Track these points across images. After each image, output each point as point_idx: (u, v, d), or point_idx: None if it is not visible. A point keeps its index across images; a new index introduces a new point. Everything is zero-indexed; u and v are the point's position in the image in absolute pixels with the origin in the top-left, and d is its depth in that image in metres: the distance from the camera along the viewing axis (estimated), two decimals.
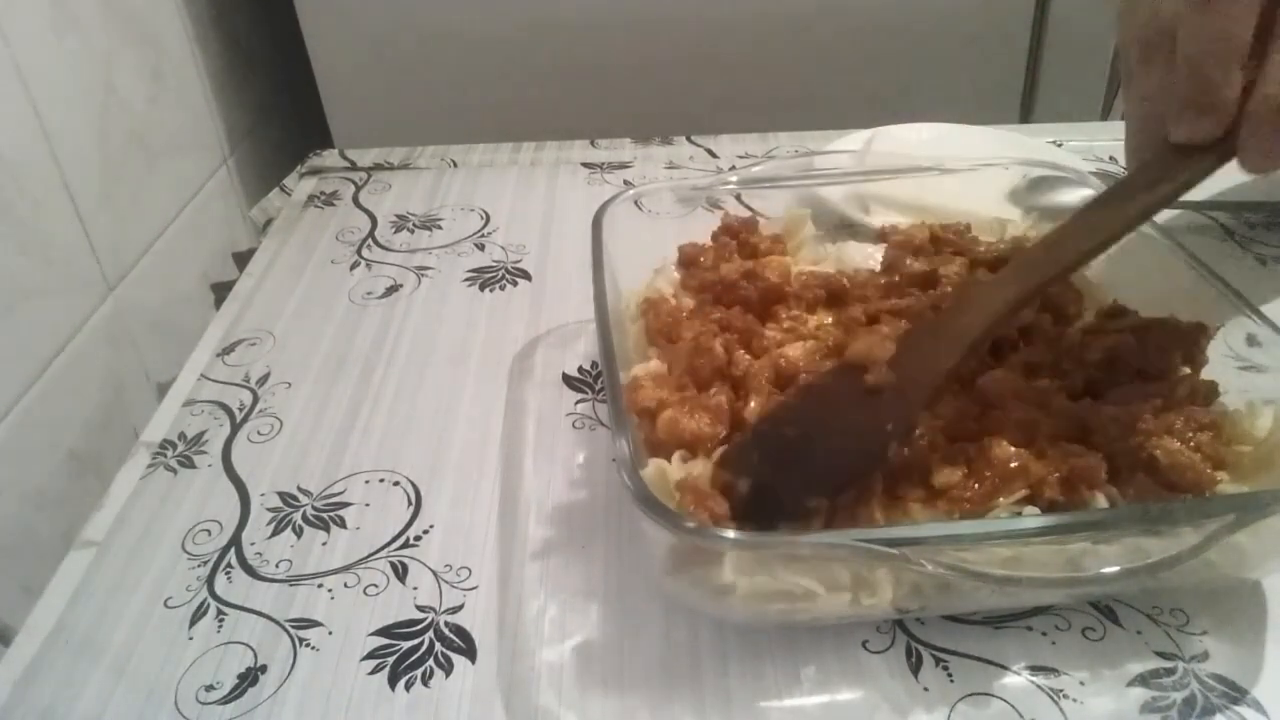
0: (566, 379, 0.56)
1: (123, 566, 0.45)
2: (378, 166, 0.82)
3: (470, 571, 0.44)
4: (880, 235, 0.55)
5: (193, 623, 0.42)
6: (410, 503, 0.48)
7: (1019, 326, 0.46)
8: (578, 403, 0.54)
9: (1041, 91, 0.95)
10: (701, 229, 0.54)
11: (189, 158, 0.80)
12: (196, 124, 0.82)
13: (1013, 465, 0.37)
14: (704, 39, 0.91)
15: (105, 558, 0.46)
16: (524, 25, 0.90)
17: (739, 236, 0.52)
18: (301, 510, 0.48)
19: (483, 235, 0.71)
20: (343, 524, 0.47)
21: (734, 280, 0.48)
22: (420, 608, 0.43)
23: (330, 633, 0.42)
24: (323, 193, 0.78)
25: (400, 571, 0.44)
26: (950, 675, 0.39)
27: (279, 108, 0.99)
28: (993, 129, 0.76)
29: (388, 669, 0.40)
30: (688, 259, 0.52)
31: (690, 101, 0.93)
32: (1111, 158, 0.78)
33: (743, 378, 0.43)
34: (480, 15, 0.89)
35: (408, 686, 0.39)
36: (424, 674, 0.40)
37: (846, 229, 0.62)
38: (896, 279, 0.50)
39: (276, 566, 0.45)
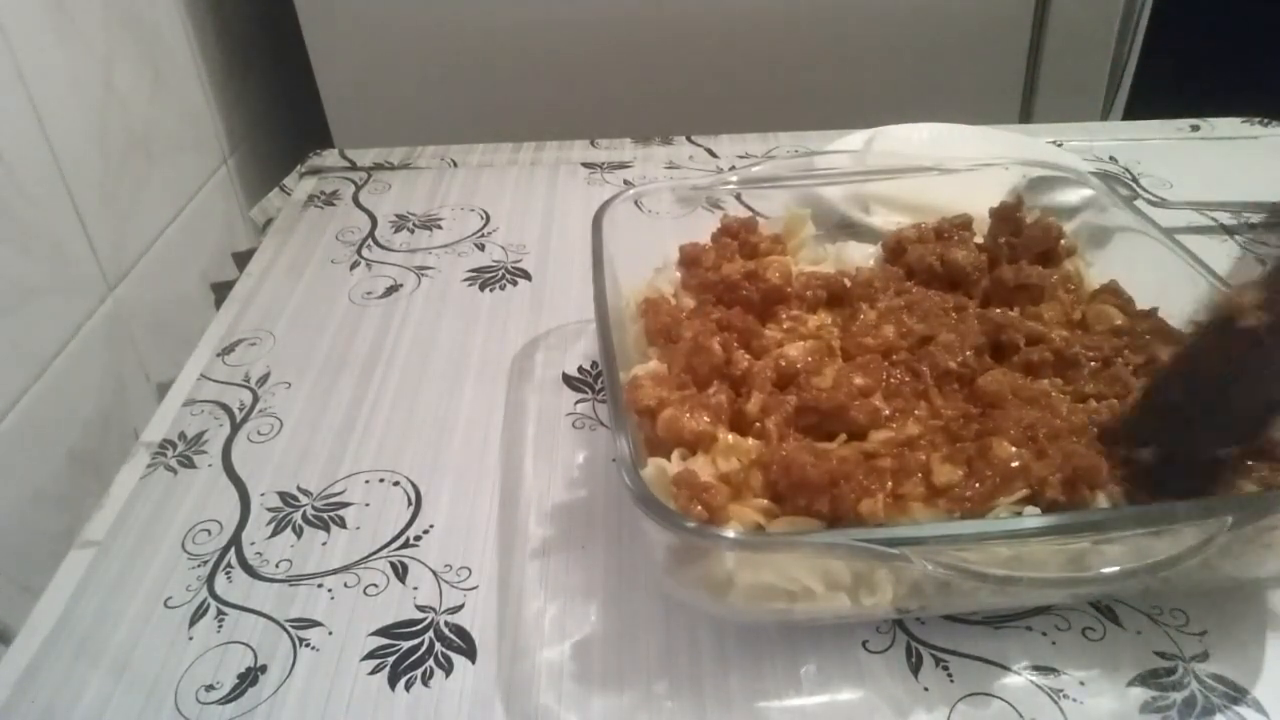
0: (566, 379, 0.56)
1: (123, 566, 0.45)
2: (378, 166, 0.82)
3: (470, 571, 0.44)
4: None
5: (193, 623, 0.42)
6: (410, 503, 0.48)
7: (1024, 334, 0.45)
8: (578, 403, 0.54)
9: (1041, 91, 0.95)
10: (701, 229, 0.54)
11: (189, 158, 0.80)
12: (196, 124, 0.82)
13: (1013, 465, 0.37)
14: (704, 39, 0.91)
15: (105, 558, 0.46)
16: (524, 25, 0.90)
17: (739, 237, 0.52)
18: (301, 510, 0.48)
19: (483, 235, 0.71)
20: (343, 524, 0.47)
21: (736, 281, 0.48)
22: (420, 608, 0.43)
23: (330, 633, 0.42)
24: (323, 193, 0.78)
25: (400, 571, 0.44)
26: (950, 675, 0.39)
27: (279, 108, 0.99)
28: (993, 129, 0.76)
29: (388, 669, 0.40)
30: (689, 259, 0.52)
31: (690, 101, 0.93)
32: (1112, 158, 0.78)
33: (743, 377, 0.43)
34: (480, 15, 0.89)
35: (408, 686, 0.39)
36: (424, 674, 0.40)
37: (846, 229, 0.62)
38: (900, 270, 0.51)
39: (276, 566, 0.45)
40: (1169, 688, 0.38)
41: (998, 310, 0.48)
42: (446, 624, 0.42)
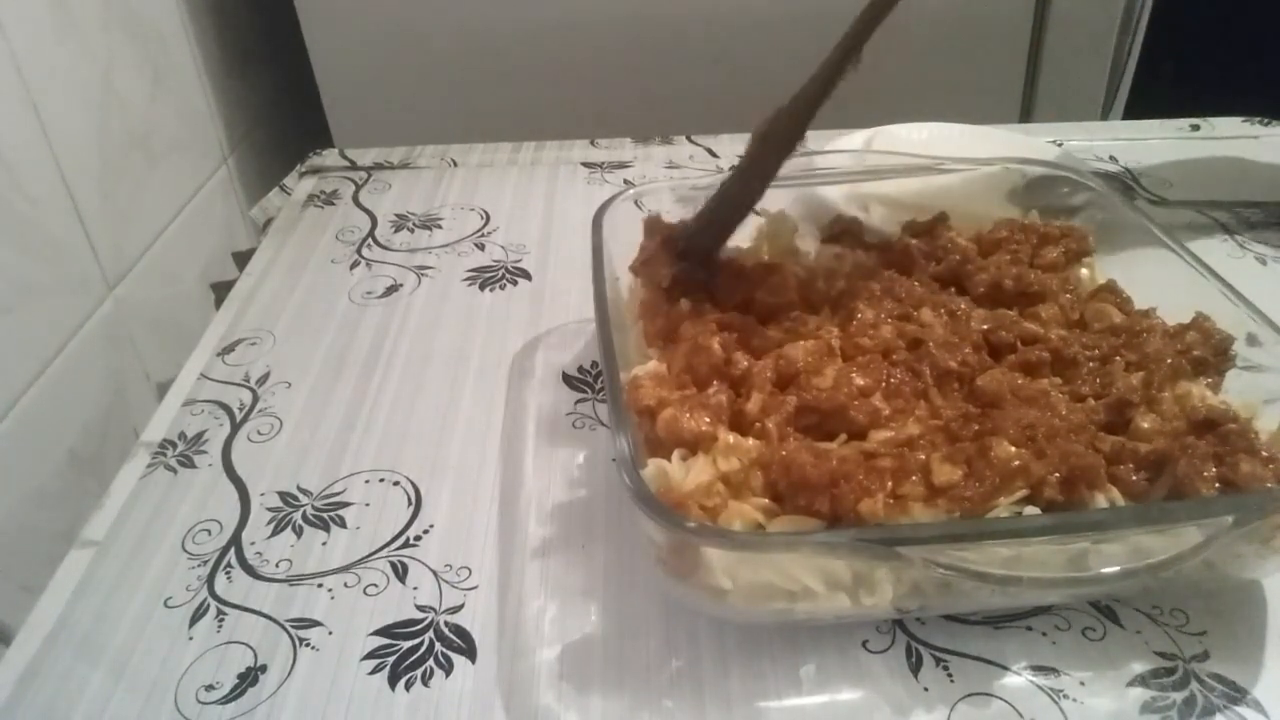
0: (566, 379, 0.56)
1: (123, 566, 0.45)
2: (378, 166, 0.82)
3: (470, 571, 0.44)
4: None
5: (193, 623, 0.42)
6: (410, 503, 0.48)
7: (1019, 335, 0.45)
8: (578, 402, 0.54)
9: (1041, 91, 0.95)
10: None
11: (189, 158, 0.80)
12: (196, 124, 0.82)
13: (1013, 465, 0.37)
14: (704, 39, 0.91)
15: (105, 558, 0.46)
16: (524, 25, 0.90)
17: None
18: (301, 510, 0.48)
19: (483, 235, 0.71)
20: (343, 524, 0.47)
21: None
22: (420, 608, 0.43)
23: (330, 633, 0.42)
24: (323, 192, 0.78)
25: (400, 571, 0.44)
26: (950, 675, 0.39)
27: (279, 108, 0.99)
28: (993, 129, 0.76)
29: (388, 669, 0.40)
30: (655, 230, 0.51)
31: (690, 101, 0.93)
32: (1112, 157, 0.78)
33: (743, 377, 0.43)
34: (480, 15, 0.89)
35: (408, 686, 0.39)
36: (424, 674, 0.40)
37: None
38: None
39: (276, 566, 0.45)
40: (1169, 688, 0.38)
41: (997, 310, 0.48)
42: (446, 624, 0.42)
